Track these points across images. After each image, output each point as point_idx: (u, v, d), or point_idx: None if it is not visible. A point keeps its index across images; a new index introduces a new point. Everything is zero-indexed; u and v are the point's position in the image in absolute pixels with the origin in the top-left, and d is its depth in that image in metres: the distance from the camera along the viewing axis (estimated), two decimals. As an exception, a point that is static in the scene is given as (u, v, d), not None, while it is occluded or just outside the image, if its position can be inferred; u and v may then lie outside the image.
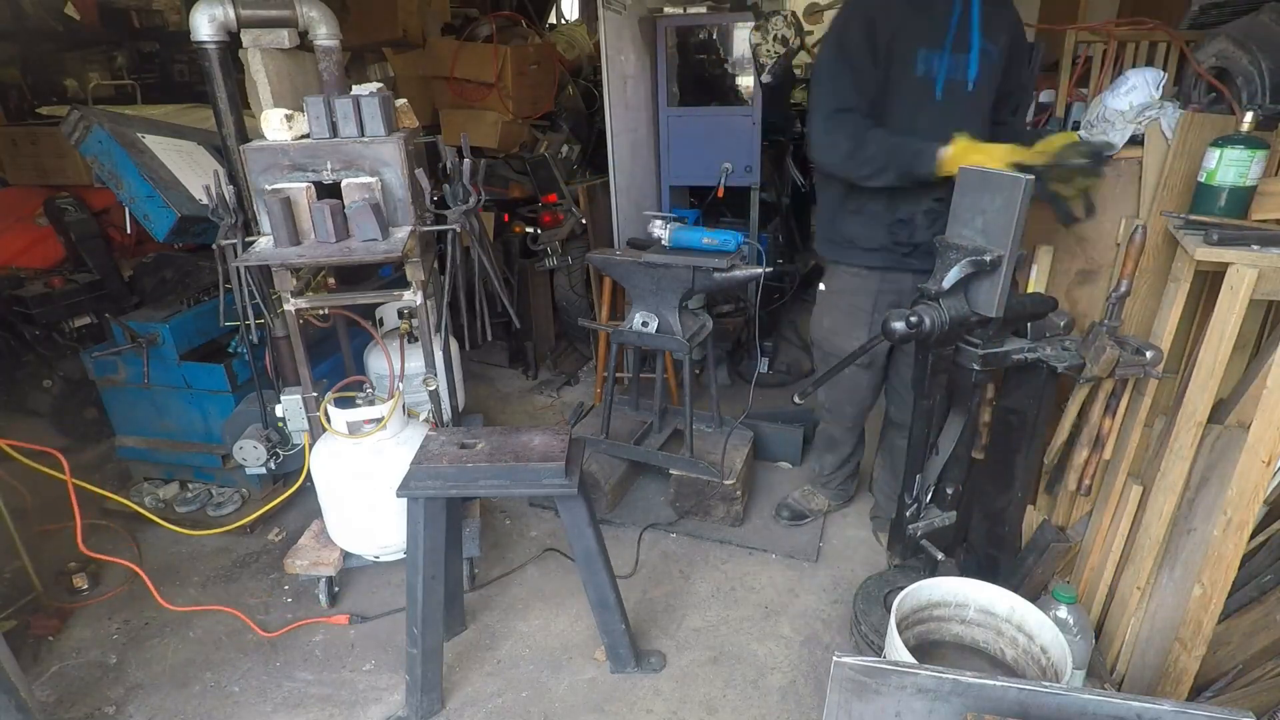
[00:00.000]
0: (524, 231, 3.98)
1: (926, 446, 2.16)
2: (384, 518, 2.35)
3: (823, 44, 2.16)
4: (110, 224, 3.59)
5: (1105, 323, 1.91)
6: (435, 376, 2.46)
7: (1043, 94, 2.48)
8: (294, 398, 2.54)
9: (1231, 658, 1.84)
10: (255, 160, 2.16)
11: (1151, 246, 1.99)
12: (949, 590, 1.94)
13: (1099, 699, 1.19)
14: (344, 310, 2.47)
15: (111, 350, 2.82)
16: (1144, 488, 2.02)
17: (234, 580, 2.69)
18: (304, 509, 2.98)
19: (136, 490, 3.06)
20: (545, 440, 1.98)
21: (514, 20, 4.73)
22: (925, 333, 1.84)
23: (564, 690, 2.22)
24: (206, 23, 2.27)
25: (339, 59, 2.43)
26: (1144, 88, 2.07)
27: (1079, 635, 1.92)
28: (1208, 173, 1.82)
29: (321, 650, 2.38)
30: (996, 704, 1.22)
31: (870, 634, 2.25)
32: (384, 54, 4.53)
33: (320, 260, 2.14)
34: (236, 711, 2.17)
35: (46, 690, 2.23)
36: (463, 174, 2.30)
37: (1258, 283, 1.65)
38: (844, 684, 1.28)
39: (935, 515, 2.21)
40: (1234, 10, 2.29)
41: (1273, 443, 1.62)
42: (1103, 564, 2.14)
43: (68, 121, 2.78)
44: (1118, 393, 2.05)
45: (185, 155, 2.98)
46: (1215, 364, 1.76)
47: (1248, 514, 1.69)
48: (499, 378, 4.28)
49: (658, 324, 2.75)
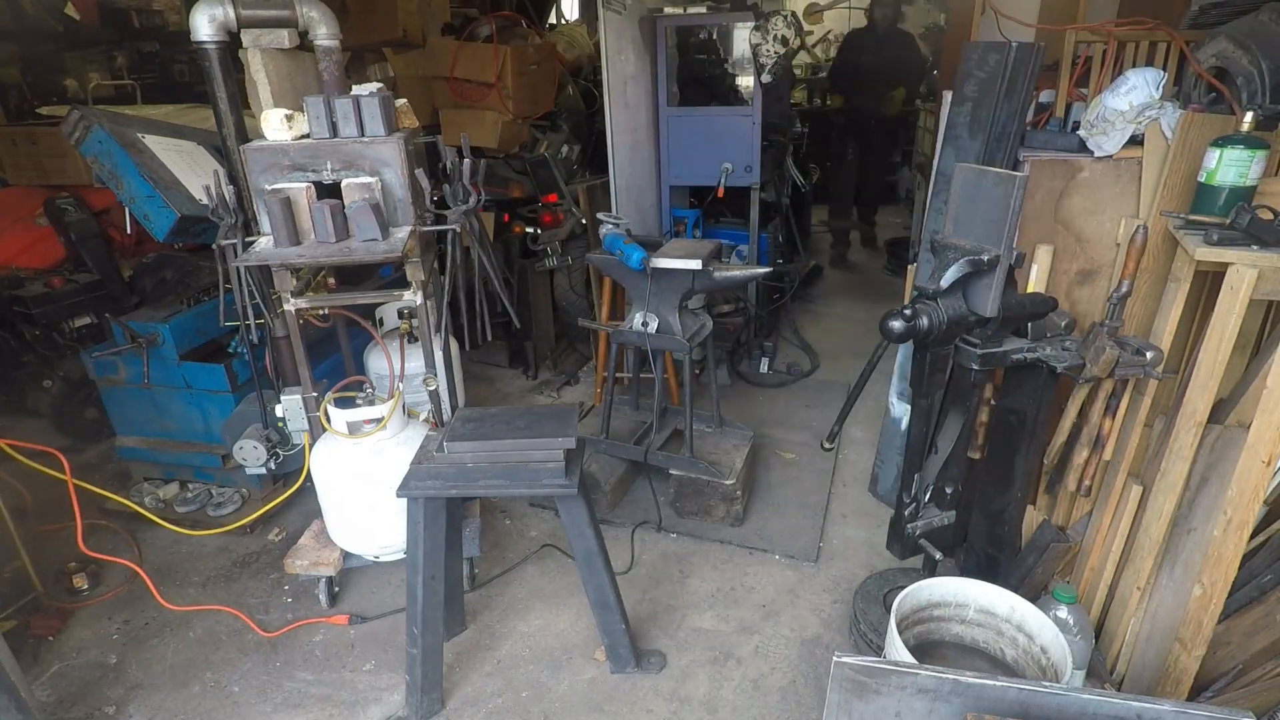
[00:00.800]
0: (524, 231, 3.98)
1: (925, 446, 2.16)
2: (384, 518, 2.35)
3: None
4: (110, 224, 3.59)
5: (1105, 323, 1.91)
6: (435, 376, 2.46)
7: (1043, 94, 2.48)
8: (294, 398, 2.54)
9: (1231, 658, 1.84)
10: (255, 160, 2.15)
11: (1151, 246, 1.99)
12: (949, 590, 1.94)
13: (1099, 699, 1.19)
14: (344, 310, 2.47)
15: (111, 350, 2.83)
16: (1144, 488, 2.02)
17: (234, 580, 2.69)
18: (304, 509, 2.98)
19: (136, 490, 3.06)
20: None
21: (514, 20, 4.73)
22: (923, 332, 1.84)
23: (564, 690, 2.22)
24: (206, 23, 2.27)
25: (339, 59, 2.43)
26: (1144, 88, 2.07)
27: (1079, 635, 1.92)
28: (1208, 173, 1.82)
29: (321, 650, 2.37)
30: (996, 704, 1.22)
31: (870, 634, 2.25)
32: (384, 54, 4.53)
33: (320, 260, 2.14)
34: (236, 711, 2.17)
35: (46, 690, 2.23)
36: (463, 174, 2.30)
37: (1258, 283, 1.66)
38: (844, 684, 1.28)
39: (934, 514, 2.21)
40: (1234, 10, 2.29)
41: (1273, 443, 1.62)
42: (1103, 564, 2.14)
43: (68, 121, 2.78)
44: (1118, 393, 2.05)
45: (185, 155, 2.98)
46: (1215, 364, 1.76)
47: (1248, 514, 1.69)
48: (499, 378, 4.28)
49: (658, 324, 2.75)
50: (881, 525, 2.79)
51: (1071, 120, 2.32)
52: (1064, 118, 2.35)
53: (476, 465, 1.92)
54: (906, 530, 2.19)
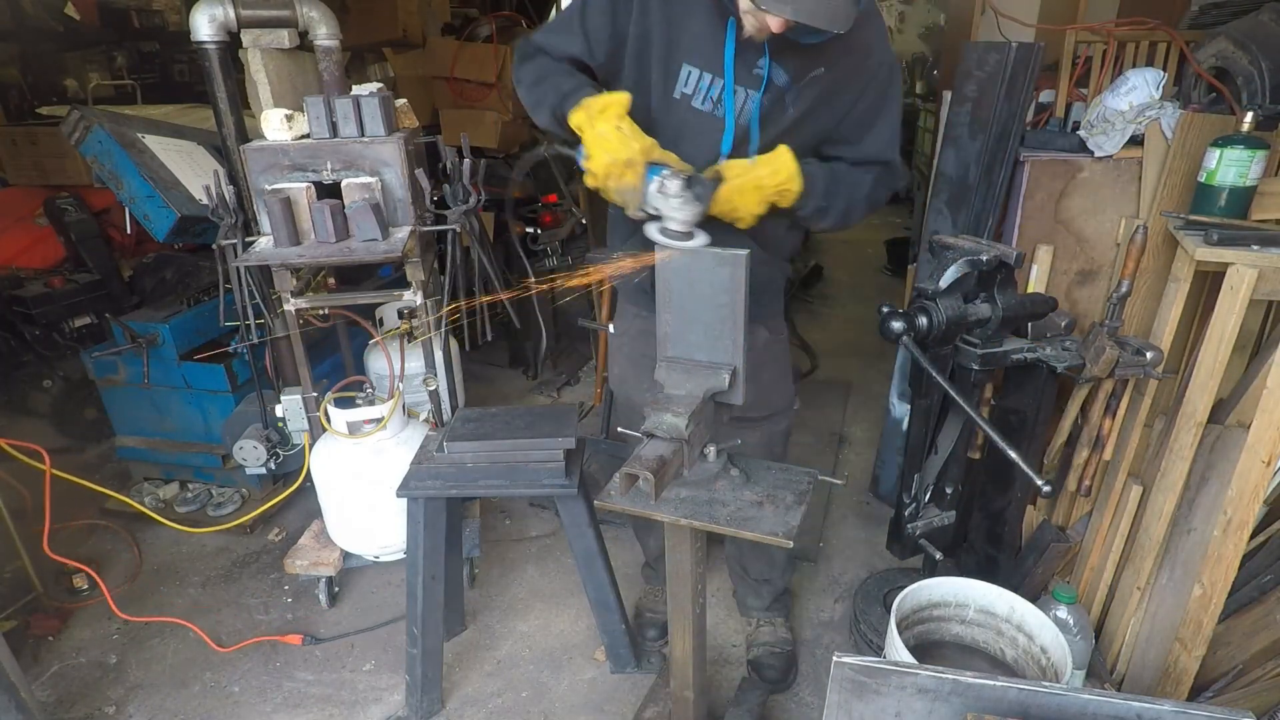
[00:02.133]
0: (524, 231, 3.98)
1: (925, 446, 2.16)
2: (384, 518, 2.35)
3: None
4: (110, 224, 3.59)
5: (1105, 323, 1.91)
6: (435, 376, 2.46)
7: (1043, 94, 2.48)
8: (294, 398, 2.54)
9: (1231, 658, 1.84)
10: (255, 160, 2.15)
11: (1151, 246, 1.99)
12: (949, 590, 1.93)
13: (1100, 699, 1.19)
14: (344, 310, 2.47)
15: (111, 350, 2.82)
16: (1144, 488, 2.02)
17: (234, 580, 2.69)
18: (304, 509, 2.98)
19: (136, 490, 3.06)
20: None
21: (514, 20, 4.73)
22: (922, 332, 1.84)
23: (564, 690, 2.21)
24: (206, 23, 2.27)
25: (339, 59, 2.43)
26: (1144, 88, 2.07)
27: (1079, 635, 1.92)
28: (1208, 173, 1.81)
29: (321, 650, 2.37)
30: (997, 704, 1.22)
31: (870, 634, 2.25)
32: (384, 54, 4.53)
33: (320, 260, 2.14)
34: (236, 711, 2.17)
35: (46, 690, 2.23)
36: (463, 174, 2.30)
37: (1258, 283, 1.65)
38: (844, 684, 1.28)
39: (934, 514, 2.21)
40: (1234, 10, 2.29)
41: (1273, 443, 1.62)
42: (1103, 564, 2.14)
43: (68, 121, 2.78)
44: (1118, 393, 2.04)
45: (185, 155, 2.98)
46: (1215, 364, 1.76)
47: (1248, 514, 1.69)
48: (499, 378, 4.28)
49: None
50: (881, 525, 2.79)
51: (1071, 120, 2.32)
52: (1064, 118, 2.35)
53: (476, 465, 1.92)
54: (906, 530, 2.19)
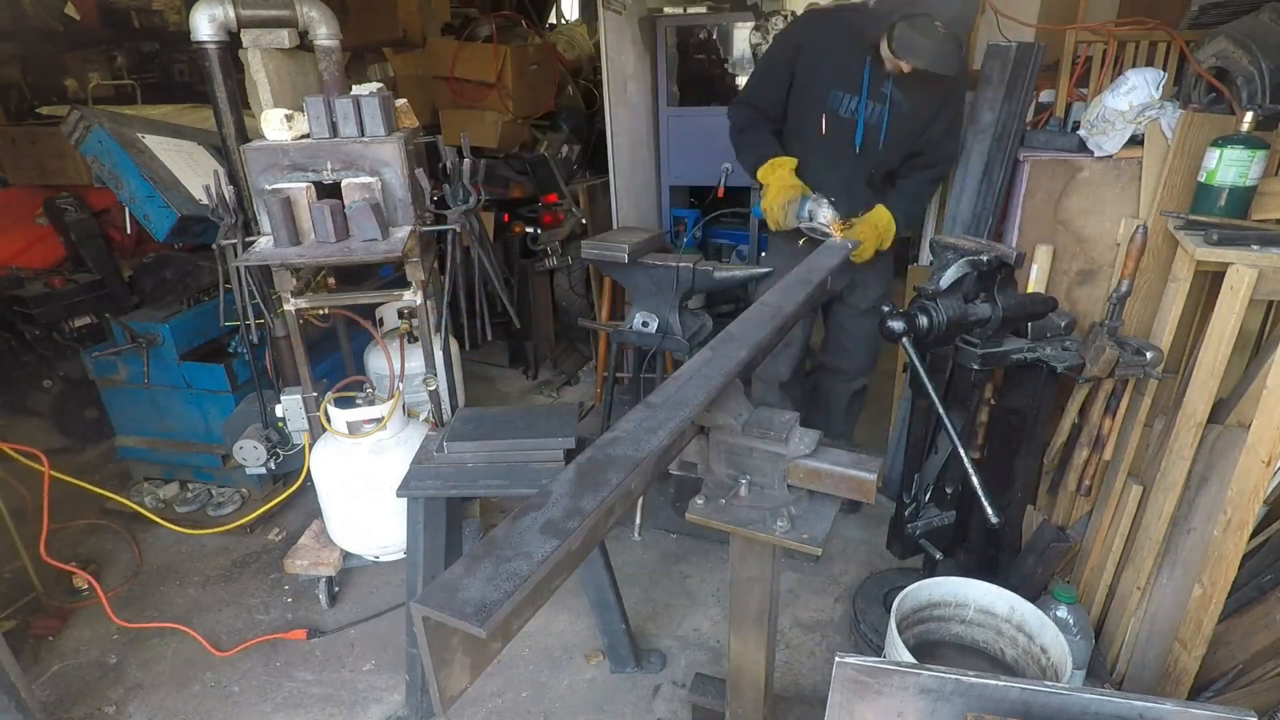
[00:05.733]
0: (524, 231, 3.98)
1: (925, 446, 2.16)
2: (384, 518, 2.35)
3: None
4: (110, 224, 3.59)
5: (1105, 323, 1.91)
6: (435, 376, 2.46)
7: (1043, 94, 2.48)
8: (294, 398, 2.54)
9: (1231, 657, 1.84)
10: (255, 160, 2.15)
11: (1151, 246, 1.99)
12: (949, 590, 1.93)
13: (1101, 698, 1.19)
14: (344, 310, 2.47)
15: (111, 350, 2.82)
16: (1144, 488, 2.02)
17: (234, 580, 2.69)
18: (304, 509, 2.98)
19: (136, 490, 3.06)
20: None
21: (514, 20, 4.73)
22: (922, 332, 1.84)
23: (564, 690, 2.21)
24: (206, 23, 2.26)
25: (339, 59, 2.42)
26: (1144, 88, 2.07)
27: (1079, 635, 1.92)
28: (1208, 173, 1.82)
29: (321, 650, 2.37)
30: (999, 704, 1.21)
31: (870, 634, 2.25)
32: (384, 54, 4.53)
33: (320, 260, 2.14)
34: (236, 711, 2.16)
35: (46, 690, 2.23)
36: (463, 174, 2.30)
37: (1258, 283, 1.66)
38: (845, 684, 1.28)
39: (934, 514, 2.21)
40: (1234, 10, 2.29)
41: (1273, 443, 1.62)
42: (1103, 564, 2.14)
43: (68, 121, 2.77)
44: (1118, 393, 2.05)
45: (185, 155, 2.98)
46: (1215, 364, 1.76)
47: (1248, 514, 1.69)
48: (499, 378, 4.28)
49: (658, 324, 2.74)
50: (881, 525, 2.79)
51: (1071, 120, 2.32)
52: (1064, 118, 2.35)
53: (476, 465, 1.92)
54: (906, 530, 2.19)
